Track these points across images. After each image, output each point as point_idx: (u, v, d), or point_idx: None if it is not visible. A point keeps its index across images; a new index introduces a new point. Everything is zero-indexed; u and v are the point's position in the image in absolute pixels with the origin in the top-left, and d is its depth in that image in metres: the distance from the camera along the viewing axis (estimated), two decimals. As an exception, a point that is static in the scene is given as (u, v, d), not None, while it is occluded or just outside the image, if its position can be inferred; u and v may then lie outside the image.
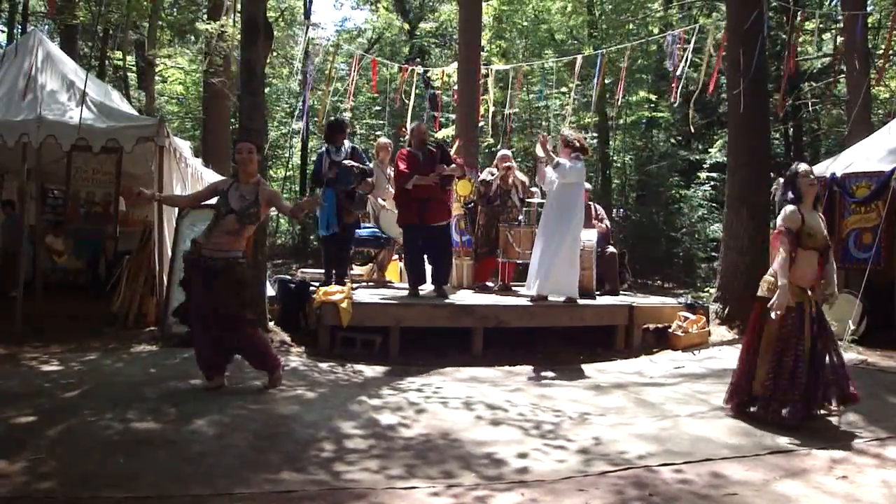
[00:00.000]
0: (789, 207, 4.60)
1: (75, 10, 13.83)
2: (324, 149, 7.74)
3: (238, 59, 8.86)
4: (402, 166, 7.32)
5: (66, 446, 3.74)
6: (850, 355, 6.67)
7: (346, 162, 7.44)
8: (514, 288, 8.41)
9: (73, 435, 3.92)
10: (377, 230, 8.57)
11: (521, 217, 8.41)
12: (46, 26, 18.30)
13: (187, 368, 5.58)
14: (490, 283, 8.71)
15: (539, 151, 7.36)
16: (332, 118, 8.34)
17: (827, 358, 4.58)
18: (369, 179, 7.71)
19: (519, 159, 13.57)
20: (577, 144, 7.28)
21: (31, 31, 11.39)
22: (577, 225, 7.21)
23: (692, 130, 14.73)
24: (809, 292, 4.62)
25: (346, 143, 7.69)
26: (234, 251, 4.97)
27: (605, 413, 4.86)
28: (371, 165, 8.63)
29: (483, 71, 12.71)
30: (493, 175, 8.58)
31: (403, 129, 10.20)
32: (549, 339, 7.42)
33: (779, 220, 4.70)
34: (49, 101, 7.19)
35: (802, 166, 4.78)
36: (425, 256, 7.68)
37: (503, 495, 3.32)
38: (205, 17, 15.01)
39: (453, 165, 7.57)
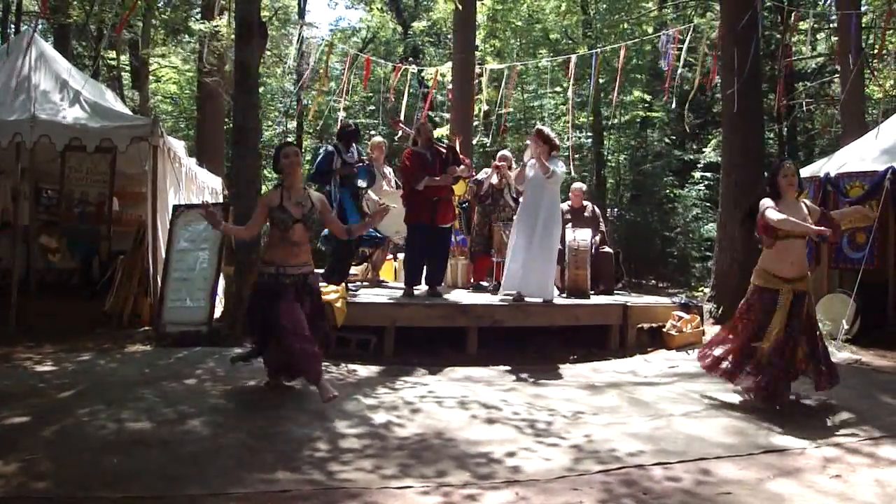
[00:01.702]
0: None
1: (69, 9, 13.77)
2: (331, 148, 7.56)
3: (232, 58, 8.85)
4: (410, 167, 7.26)
5: (60, 446, 3.73)
6: (844, 355, 6.72)
7: (371, 164, 7.46)
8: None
9: (68, 435, 3.91)
10: (371, 229, 8.51)
11: (515, 216, 8.40)
12: (40, 26, 18.21)
13: (181, 368, 5.58)
14: (485, 283, 8.71)
15: (525, 157, 7.33)
16: (350, 123, 8.16)
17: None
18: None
19: (514, 159, 13.57)
20: (556, 143, 7.29)
21: (24, 30, 11.33)
22: (559, 225, 7.31)
23: (686, 130, 14.77)
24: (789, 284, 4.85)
25: (354, 146, 7.62)
26: (310, 264, 4.88)
27: (598, 412, 4.87)
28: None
29: (477, 70, 12.73)
30: (486, 174, 8.59)
31: (398, 125, 10.15)
32: (544, 338, 7.43)
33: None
34: (42, 101, 7.17)
35: (786, 164, 5.06)
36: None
37: (497, 494, 3.33)
38: (199, 16, 14.98)
39: (462, 167, 7.56)
